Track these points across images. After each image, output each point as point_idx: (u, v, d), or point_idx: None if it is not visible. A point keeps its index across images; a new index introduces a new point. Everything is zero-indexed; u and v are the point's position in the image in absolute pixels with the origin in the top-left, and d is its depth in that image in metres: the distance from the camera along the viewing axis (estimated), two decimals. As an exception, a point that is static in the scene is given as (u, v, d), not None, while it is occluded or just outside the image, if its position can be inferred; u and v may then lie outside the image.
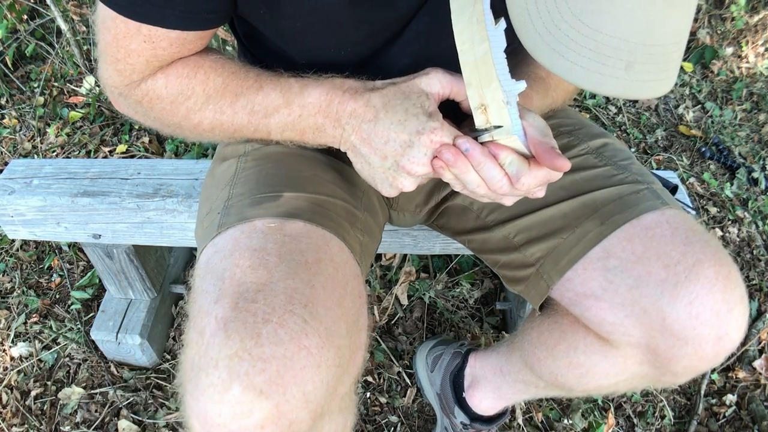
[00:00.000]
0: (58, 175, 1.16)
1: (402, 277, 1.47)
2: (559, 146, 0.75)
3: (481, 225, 0.84)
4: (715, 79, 2.25)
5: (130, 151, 1.88)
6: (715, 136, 2.02)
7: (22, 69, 2.18)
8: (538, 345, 0.83)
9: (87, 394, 1.38)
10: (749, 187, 1.88)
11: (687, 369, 0.64)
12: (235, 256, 0.59)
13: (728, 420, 1.36)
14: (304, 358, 0.50)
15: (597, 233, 0.68)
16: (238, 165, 0.77)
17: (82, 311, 1.53)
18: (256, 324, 0.50)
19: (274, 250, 0.59)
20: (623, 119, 2.06)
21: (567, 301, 0.72)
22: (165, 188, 1.12)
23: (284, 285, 0.54)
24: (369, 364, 1.41)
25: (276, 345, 0.49)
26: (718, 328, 0.61)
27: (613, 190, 0.70)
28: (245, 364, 0.48)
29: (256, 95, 0.66)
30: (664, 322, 0.62)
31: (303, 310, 0.53)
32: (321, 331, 0.52)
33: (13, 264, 1.65)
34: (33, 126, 1.97)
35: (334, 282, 0.59)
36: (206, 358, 0.50)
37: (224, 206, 0.70)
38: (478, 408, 1.13)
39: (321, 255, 0.61)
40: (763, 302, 1.58)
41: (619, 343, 0.69)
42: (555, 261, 0.72)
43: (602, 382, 0.76)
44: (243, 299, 0.53)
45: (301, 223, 0.64)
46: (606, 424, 1.31)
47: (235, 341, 0.50)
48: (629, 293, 0.64)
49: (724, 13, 2.39)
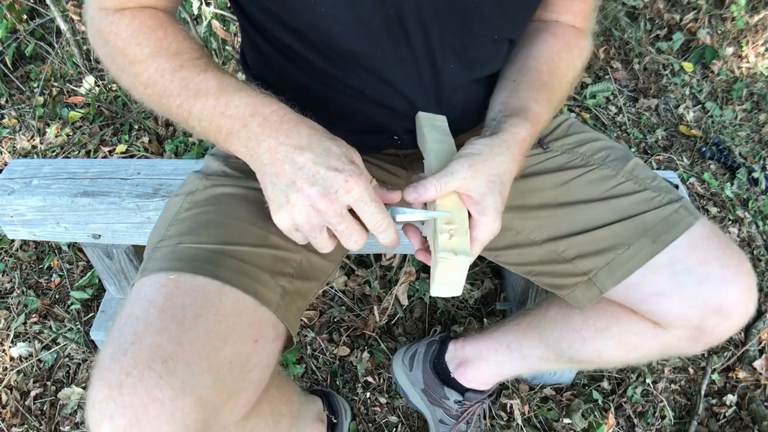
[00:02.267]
0: (57, 175, 1.16)
1: (402, 277, 1.47)
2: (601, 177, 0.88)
3: (523, 242, 0.90)
4: (716, 79, 2.24)
5: (130, 151, 1.87)
6: (715, 136, 2.02)
7: (22, 69, 2.18)
8: (585, 327, 0.94)
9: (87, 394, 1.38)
10: (749, 187, 1.88)
11: (718, 338, 0.83)
12: (132, 305, 0.67)
13: (728, 420, 1.36)
14: (158, 408, 0.59)
15: (650, 249, 0.82)
16: (181, 205, 0.81)
17: (81, 311, 1.53)
18: (120, 375, 0.60)
19: (159, 303, 0.66)
20: (623, 119, 2.06)
21: (633, 300, 0.85)
22: (165, 188, 1.11)
23: (151, 341, 0.62)
24: (369, 364, 1.41)
25: (133, 396, 0.59)
26: (749, 306, 0.81)
27: (658, 213, 0.84)
28: (110, 408, 0.59)
29: (197, 75, 0.69)
30: (719, 307, 0.79)
31: (161, 366, 0.60)
32: (176, 384, 0.60)
33: (12, 264, 1.65)
34: (33, 126, 1.97)
35: (209, 336, 0.65)
36: (90, 397, 0.61)
37: (153, 248, 0.76)
38: (470, 384, 1.19)
39: (204, 310, 0.66)
40: (763, 302, 1.57)
41: (676, 327, 0.83)
42: (611, 272, 0.84)
43: (643, 353, 0.91)
44: (118, 350, 0.62)
45: (199, 277, 0.69)
46: (606, 424, 1.31)
47: (105, 389, 0.60)
48: (695, 290, 0.80)
49: (724, 13, 2.39)
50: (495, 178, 0.68)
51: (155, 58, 0.70)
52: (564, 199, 0.88)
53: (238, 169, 0.85)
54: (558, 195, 0.88)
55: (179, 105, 0.69)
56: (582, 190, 0.87)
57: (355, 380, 1.40)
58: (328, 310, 1.52)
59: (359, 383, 1.39)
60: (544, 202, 0.88)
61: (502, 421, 1.32)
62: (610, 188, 0.86)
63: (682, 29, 2.37)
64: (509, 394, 1.35)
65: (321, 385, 1.39)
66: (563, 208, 0.87)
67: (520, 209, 0.89)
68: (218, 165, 0.87)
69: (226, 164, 0.86)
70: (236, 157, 0.85)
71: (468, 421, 1.21)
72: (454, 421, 1.21)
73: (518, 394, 1.36)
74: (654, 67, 2.27)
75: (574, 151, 0.91)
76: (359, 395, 1.37)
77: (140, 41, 0.71)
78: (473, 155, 0.68)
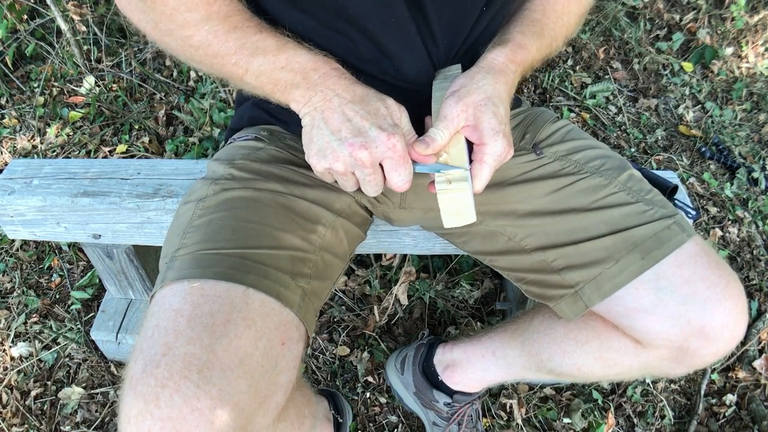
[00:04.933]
0: (58, 175, 1.16)
1: (402, 277, 1.48)
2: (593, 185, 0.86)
3: (514, 248, 0.90)
4: (715, 79, 2.25)
5: (130, 151, 1.88)
6: (715, 136, 2.02)
7: (22, 69, 2.18)
8: (566, 340, 0.93)
9: (87, 394, 1.38)
10: (749, 187, 1.88)
11: (703, 362, 0.80)
12: (158, 315, 0.67)
13: (728, 420, 1.36)
14: (197, 418, 0.59)
15: (639, 266, 0.80)
16: (194, 212, 0.81)
17: (82, 311, 1.53)
18: (156, 387, 0.59)
19: (187, 312, 0.66)
20: (623, 119, 2.06)
21: (614, 314, 0.83)
22: (165, 188, 1.12)
23: (184, 351, 0.61)
24: (369, 365, 1.41)
25: (171, 408, 0.58)
26: (736, 332, 0.78)
27: (649, 228, 0.82)
28: (147, 422, 0.58)
29: (253, 34, 0.72)
30: (702, 329, 0.77)
31: (197, 375, 0.60)
32: (213, 393, 0.60)
33: (13, 264, 1.65)
34: (33, 126, 1.97)
35: (240, 342, 0.65)
36: (123, 413, 0.60)
37: (171, 257, 0.76)
38: (456, 386, 1.19)
39: (232, 315, 0.66)
40: (763, 302, 1.57)
41: (656, 346, 0.81)
42: (598, 286, 0.82)
43: (623, 370, 0.89)
44: (150, 362, 0.61)
45: (223, 283, 0.69)
46: (606, 424, 1.31)
47: (140, 402, 0.59)
48: (677, 308, 0.77)
49: (724, 13, 2.39)
50: (484, 101, 0.71)
51: (207, 21, 0.72)
52: (554, 207, 0.87)
53: (244, 170, 0.85)
54: (548, 203, 0.87)
55: (234, 63, 0.73)
56: (573, 198, 0.87)
57: (355, 380, 1.40)
58: (328, 310, 1.52)
59: (359, 383, 1.39)
60: (535, 210, 0.88)
61: (501, 421, 1.32)
62: (602, 198, 0.85)
63: (682, 29, 2.37)
64: (509, 394, 1.35)
65: (321, 384, 1.40)
66: (553, 217, 0.87)
67: (511, 215, 0.89)
68: (224, 169, 0.86)
69: (232, 167, 0.86)
70: (241, 159, 0.87)
71: (459, 422, 1.21)
72: (446, 423, 1.21)
73: (518, 393, 1.36)
74: (654, 67, 2.27)
75: (568, 158, 0.90)
76: (359, 395, 1.37)
77: (190, 7, 0.72)
78: (456, 91, 0.72)
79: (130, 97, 2.04)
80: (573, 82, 2.17)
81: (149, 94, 2.05)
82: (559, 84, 2.15)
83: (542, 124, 0.96)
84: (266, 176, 0.85)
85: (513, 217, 0.89)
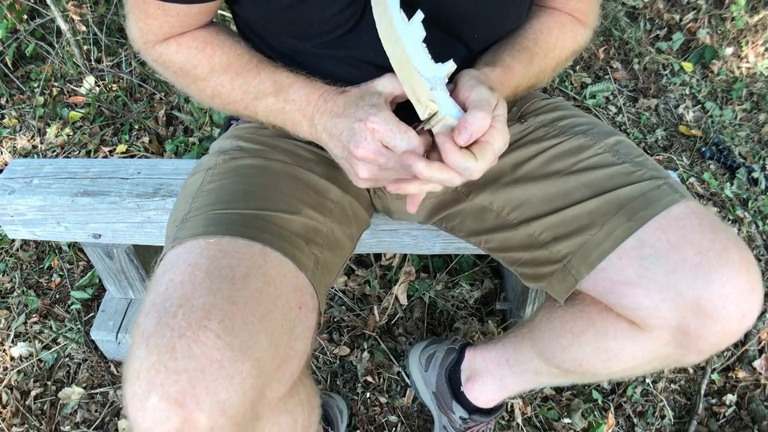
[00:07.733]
0: (58, 174, 1.16)
1: (402, 277, 1.48)
2: (576, 146, 0.82)
3: (502, 224, 0.86)
4: (715, 79, 2.24)
5: (130, 151, 1.88)
6: (715, 136, 2.02)
7: (22, 69, 2.18)
8: (563, 333, 0.87)
9: (87, 394, 1.38)
10: (749, 187, 1.88)
11: (713, 346, 0.70)
12: (172, 270, 0.63)
13: (728, 420, 1.36)
14: (216, 371, 0.54)
15: (625, 229, 0.72)
16: (204, 179, 0.81)
17: (82, 311, 1.53)
18: (172, 338, 0.54)
19: (204, 265, 0.62)
20: (623, 119, 2.06)
21: (601, 290, 0.76)
22: (165, 188, 1.12)
23: (203, 301, 0.57)
24: (369, 364, 1.41)
25: (188, 359, 0.53)
26: (743, 307, 0.67)
27: (635, 187, 0.74)
28: (161, 375, 0.53)
29: (253, 78, 0.76)
30: (697, 302, 0.67)
31: (218, 325, 0.56)
32: (235, 345, 0.55)
33: (13, 264, 1.65)
34: (33, 126, 1.97)
35: (261, 296, 0.62)
36: (131, 369, 0.55)
37: (182, 220, 0.74)
38: (477, 401, 1.15)
39: (252, 270, 0.64)
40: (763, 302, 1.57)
41: (652, 327, 0.72)
42: (584, 256, 0.76)
43: (627, 364, 0.80)
44: (165, 314, 0.57)
45: (239, 239, 0.67)
46: (606, 424, 1.31)
47: (153, 354, 0.54)
48: (665, 278, 0.68)
49: (724, 13, 2.39)
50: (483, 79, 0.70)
51: (211, 74, 0.78)
52: (537, 173, 0.83)
53: (252, 142, 0.86)
54: (532, 168, 0.84)
55: (245, 107, 0.79)
56: (556, 161, 0.82)
57: (355, 380, 1.40)
58: (328, 310, 1.52)
59: (359, 383, 1.39)
60: (519, 176, 0.84)
61: (502, 421, 1.32)
62: (584, 159, 0.80)
63: (682, 29, 2.37)
64: (509, 394, 1.35)
65: (321, 385, 1.40)
66: (536, 183, 0.82)
67: (497, 184, 0.86)
68: (231, 142, 0.87)
69: (239, 140, 0.87)
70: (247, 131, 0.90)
71: None
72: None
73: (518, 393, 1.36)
74: (654, 67, 2.27)
75: (554, 124, 0.87)
76: (359, 395, 1.37)
77: (194, 64, 0.78)
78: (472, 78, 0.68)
79: (130, 97, 2.04)
80: (573, 82, 2.17)
81: (149, 94, 2.05)
82: (559, 84, 2.15)
83: (531, 99, 0.94)
84: (274, 148, 0.85)
85: (498, 186, 0.86)
